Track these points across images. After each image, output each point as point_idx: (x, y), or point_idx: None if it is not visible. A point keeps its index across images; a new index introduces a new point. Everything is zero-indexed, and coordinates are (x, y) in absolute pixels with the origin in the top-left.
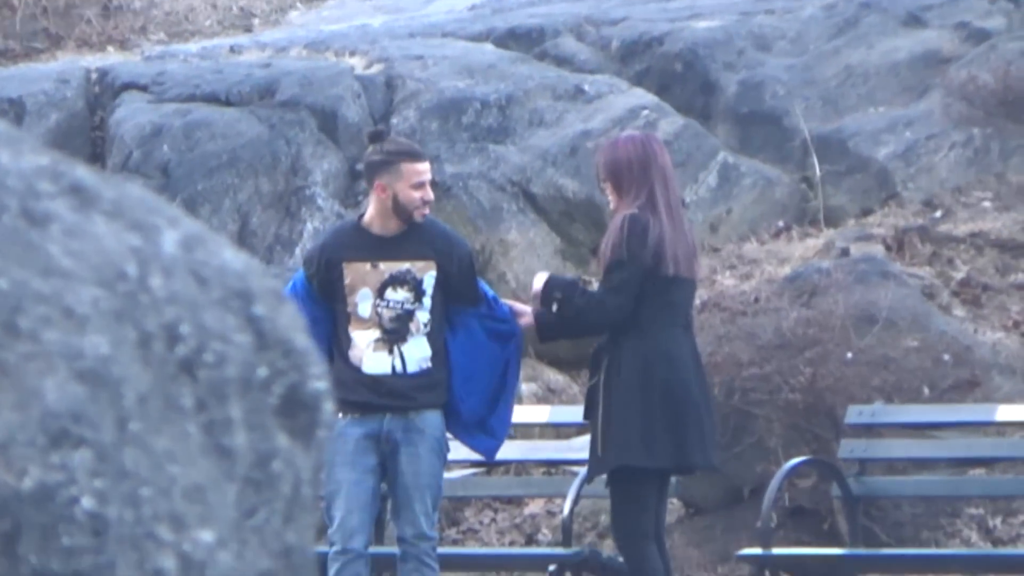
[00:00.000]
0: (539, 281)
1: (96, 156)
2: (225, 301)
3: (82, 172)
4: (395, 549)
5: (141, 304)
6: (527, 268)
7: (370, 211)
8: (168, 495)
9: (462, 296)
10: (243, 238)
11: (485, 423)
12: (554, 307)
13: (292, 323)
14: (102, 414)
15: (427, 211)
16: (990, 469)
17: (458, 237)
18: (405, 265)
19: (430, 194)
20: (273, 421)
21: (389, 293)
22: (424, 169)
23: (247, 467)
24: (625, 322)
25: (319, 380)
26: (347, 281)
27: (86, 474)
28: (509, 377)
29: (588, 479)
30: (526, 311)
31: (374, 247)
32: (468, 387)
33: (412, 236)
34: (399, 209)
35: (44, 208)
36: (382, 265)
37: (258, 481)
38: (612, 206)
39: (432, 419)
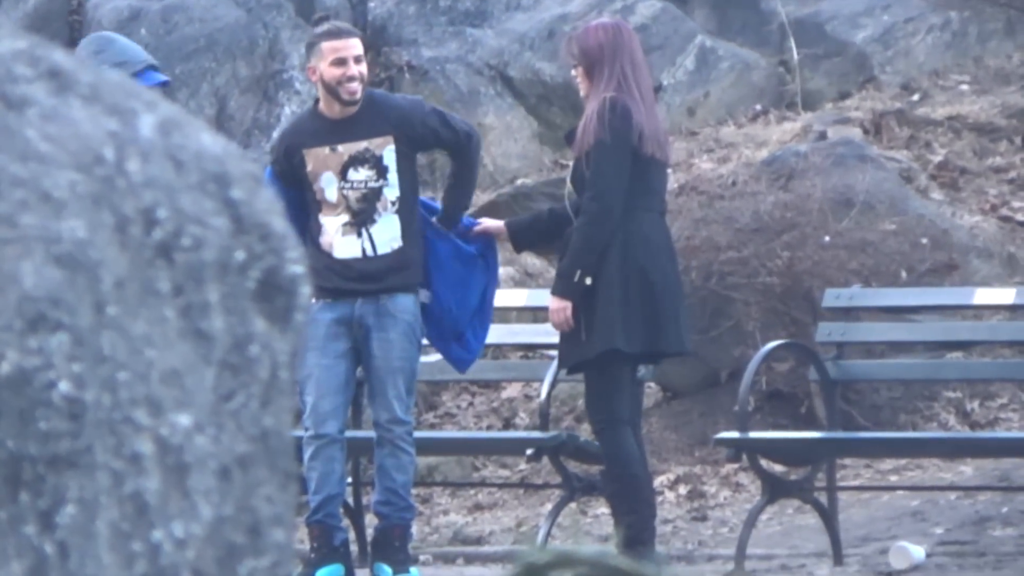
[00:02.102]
0: (496, 226)
1: (74, 40)
2: (202, 185)
3: (60, 56)
4: (373, 433)
5: (118, 188)
6: (504, 152)
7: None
8: (145, 379)
9: (446, 143)
10: (221, 122)
11: (462, 337)
12: (587, 281)
13: (269, 207)
14: (79, 298)
15: (354, 87)
16: (967, 352)
17: (410, 102)
18: (363, 144)
19: (352, 70)
20: (250, 305)
21: (352, 174)
22: (342, 46)
23: (224, 351)
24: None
25: (296, 264)
26: (309, 168)
27: (63, 358)
28: (488, 297)
29: (567, 367)
30: (500, 228)
31: (330, 131)
32: (455, 297)
33: (366, 115)
34: (329, 89)
35: (21, 92)
36: (340, 147)
37: (235, 365)
38: (583, 92)
39: (404, 303)
